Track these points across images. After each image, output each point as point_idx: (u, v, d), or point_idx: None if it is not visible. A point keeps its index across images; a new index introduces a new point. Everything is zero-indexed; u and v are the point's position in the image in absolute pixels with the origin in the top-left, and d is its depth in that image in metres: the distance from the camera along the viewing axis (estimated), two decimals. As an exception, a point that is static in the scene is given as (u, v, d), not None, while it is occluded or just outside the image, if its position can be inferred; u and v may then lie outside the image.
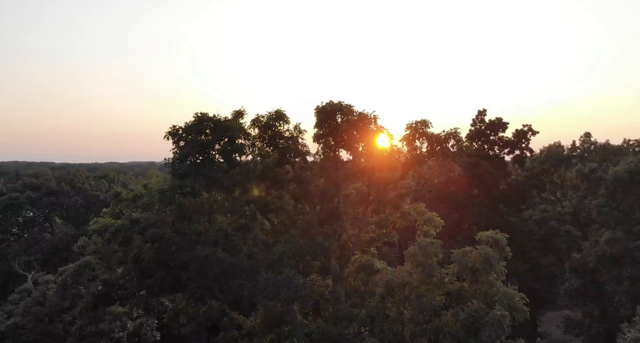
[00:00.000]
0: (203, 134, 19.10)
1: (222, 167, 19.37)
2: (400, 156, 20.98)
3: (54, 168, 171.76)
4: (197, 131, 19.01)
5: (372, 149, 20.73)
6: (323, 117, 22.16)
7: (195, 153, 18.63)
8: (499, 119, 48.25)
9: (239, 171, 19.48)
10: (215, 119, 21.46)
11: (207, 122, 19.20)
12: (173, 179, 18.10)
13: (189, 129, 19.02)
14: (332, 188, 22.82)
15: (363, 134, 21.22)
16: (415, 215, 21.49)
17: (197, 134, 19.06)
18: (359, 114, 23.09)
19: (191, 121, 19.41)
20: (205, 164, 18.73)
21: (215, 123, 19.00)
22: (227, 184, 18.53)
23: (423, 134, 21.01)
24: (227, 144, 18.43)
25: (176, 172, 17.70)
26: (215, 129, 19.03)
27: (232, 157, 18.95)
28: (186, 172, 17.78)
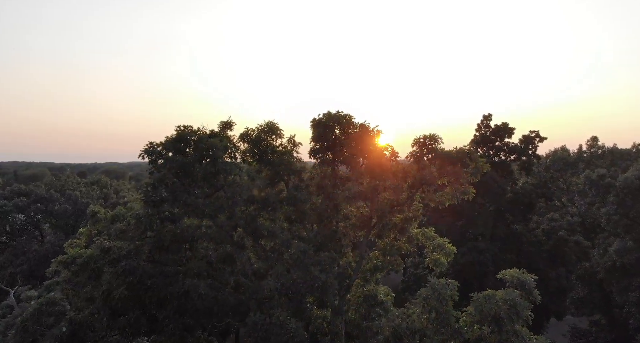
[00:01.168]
0: (183, 152, 16.45)
1: (204, 190, 16.75)
2: (407, 176, 18.37)
3: (53, 168, 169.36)
4: (177, 149, 16.36)
5: (375, 167, 18.10)
6: (320, 131, 19.54)
7: (172, 175, 16.00)
8: (505, 124, 45.62)
9: (224, 194, 16.85)
10: (197, 135, 18.86)
11: (189, 138, 16.56)
12: (145, 207, 15.46)
13: (166, 147, 16.38)
14: (331, 208, 20.23)
15: (365, 150, 18.61)
16: (423, 240, 18.88)
17: (177, 153, 16.41)
18: (360, 127, 20.48)
19: (170, 137, 16.79)
20: (186, 188, 16.11)
21: (197, 141, 16.36)
22: (209, 211, 15.91)
23: (432, 151, 18.42)
24: (210, 165, 15.78)
25: (149, 200, 15.05)
26: (197, 148, 16.38)
27: (216, 179, 16.30)
28: (161, 199, 15.16)
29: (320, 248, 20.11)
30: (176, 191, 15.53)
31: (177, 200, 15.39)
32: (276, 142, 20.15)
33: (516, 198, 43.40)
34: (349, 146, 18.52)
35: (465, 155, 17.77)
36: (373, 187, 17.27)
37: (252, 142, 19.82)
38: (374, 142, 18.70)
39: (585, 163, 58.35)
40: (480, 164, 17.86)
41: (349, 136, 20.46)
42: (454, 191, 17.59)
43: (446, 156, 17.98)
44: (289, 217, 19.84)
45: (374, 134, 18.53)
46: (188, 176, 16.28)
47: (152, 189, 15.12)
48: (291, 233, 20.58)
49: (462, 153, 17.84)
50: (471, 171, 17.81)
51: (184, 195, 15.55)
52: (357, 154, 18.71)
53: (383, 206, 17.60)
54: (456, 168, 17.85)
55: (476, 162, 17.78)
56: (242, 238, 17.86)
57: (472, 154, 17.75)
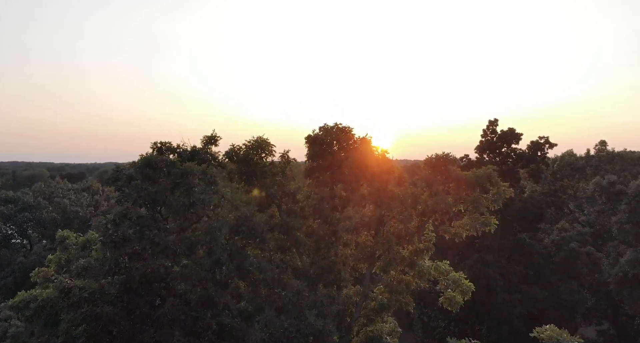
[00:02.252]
0: (153, 179, 13.63)
1: (179, 223, 13.94)
2: (417, 202, 15.62)
3: (52, 169, 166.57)
4: (145, 175, 13.55)
5: (381, 193, 15.32)
6: (316, 149, 16.78)
7: (140, 207, 13.21)
8: (512, 129, 42.80)
9: (203, 225, 14.05)
10: (175, 152, 16.07)
11: (159, 162, 13.75)
12: (103, 249, 12.64)
13: (134, 173, 13.57)
14: (329, 235, 17.49)
15: (368, 172, 15.85)
16: (436, 274, 16.11)
17: (146, 180, 13.61)
18: (362, 142, 17.73)
19: (139, 160, 13.99)
20: (156, 222, 13.31)
21: (170, 165, 13.55)
22: (182, 250, 13.13)
23: (445, 173, 15.65)
24: (184, 196, 12.98)
25: (108, 240, 12.23)
26: (169, 174, 13.57)
27: (192, 211, 13.48)
28: (124, 238, 12.37)
29: (316, 281, 17.37)
30: (143, 227, 12.75)
31: (143, 238, 12.61)
32: (267, 159, 17.41)
33: (524, 208, 40.57)
34: (350, 167, 15.75)
35: (485, 179, 15.00)
36: (378, 217, 14.53)
37: (239, 161, 17.06)
38: (378, 161, 15.92)
39: (593, 168, 55.59)
40: (502, 189, 15.09)
41: (349, 154, 17.72)
42: (472, 221, 14.82)
43: (463, 179, 15.21)
44: (282, 246, 17.09)
45: (378, 154, 15.73)
46: (159, 208, 13.49)
47: (113, 226, 12.35)
48: (284, 263, 17.84)
49: (481, 176, 15.06)
50: (492, 198, 15.06)
51: (152, 231, 12.76)
52: (359, 175, 15.95)
53: (389, 239, 14.84)
54: (474, 193, 15.11)
55: (498, 187, 15.02)
56: (226, 275, 15.10)
57: (493, 178, 14.98)
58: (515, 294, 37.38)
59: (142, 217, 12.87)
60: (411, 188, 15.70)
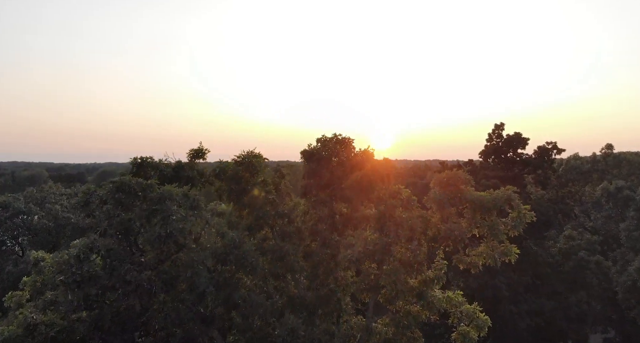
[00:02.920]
0: (126, 206, 11.77)
1: (156, 256, 12.07)
2: (427, 226, 13.78)
3: (52, 169, 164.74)
4: (118, 201, 11.69)
5: (387, 218, 13.46)
6: (313, 165, 14.94)
7: (110, 238, 11.36)
8: (518, 134, 40.97)
9: (184, 257, 12.20)
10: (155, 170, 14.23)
11: (133, 186, 11.89)
12: (64, 291, 10.77)
13: (105, 198, 11.71)
14: (328, 260, 15.65)
15: (372, 192, 14.00)
16: (448, 306, 14.27)
17: (118, 206, 11.75)
18: (364, 155, 15.91)
19: (112, 183, 12.12)
20: (128, 256, 11.47)
21: (145, 188, 11.68)
22: (158, 288, 11.28)
23: (458, 193, 13.79)
24: (160, 226, 11.12)
25: (70, 281, 10.37)
26: (145, 198, 11.71)
27: (170, 242, 11.63)
28: (91, 276, 10.53)
29: (314, 311, 15.55)
30: (114, 261, 10.92)
31: (113, 275, 10.79)
32: (257, 178, 15.55)
33: (531, 215, 38.84)
34: (351, 188, 13.90)
35: (504, 200, 13.15)
36: (383, 246, 12.69)
37: (227, 179, 15.22)
38: (382, 179, 14.07)
39: (599, 172, 53.75)
40: (523, 212, 13.24)
41: (349, 171, 15.90)
42: (490, 250, 12.98)
43: (478, 201, 13.36)
44: (275, 273, 15.25)
45: (383, 173, 13.87)
46: (131, 241, 11.66)
47: (77, 262, 10.52)
48: (278, 290, 16.00)
49: (499, 198, 13.20)
50: (512, 223, 13.21)
51: (124, 266, 10.92)
52: (361, 196, 14.11)
53: (396, 268, 12.99)
54: (492, 217, 13.27)
55: (519, 210, 13.17)
56: (212, 309, 13.28)
57: (513, 200, 13.12)
58: (521, 305, 35.62)
59: (112, 250, 11.05)
60: (420, 210, 13.87)
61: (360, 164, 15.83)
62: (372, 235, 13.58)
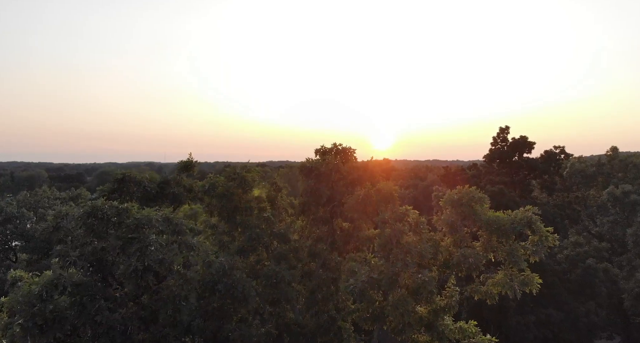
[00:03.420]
0: (99, 234, 10.30)
1: (133, 291, 10.58)
2: (437, 251, 12.31)
3: (51, 169, 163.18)
4: (90, 227, 10.21)
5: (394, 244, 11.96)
6: (312, 183, 13.48)
7: (81, 271, 9.90)
8: (524, 138, 39.53)
9: (165, 290, 10.73)
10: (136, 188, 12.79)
11: (112, 203, 10.43)
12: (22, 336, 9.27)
13: (76, 224, 10.25)
14: (328, 284, 14.21)
15: (376, 214, 12.53)
16: (460, 337, 12.81)
17: (90, 234, 10.28)
18: (366, 169, 14.44)
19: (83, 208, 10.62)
20: (101, 291, 10.00)
21: (121, 214, 10.21)
22: (135, 328, 9.81)
23: (472, 214, 12.32)
24: (137, 258, 9.65)
25: (30, 324, 8.88)
26: (120, 225, 10.24)
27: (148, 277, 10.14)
28: (55, 318, 9.07)
29: (312, 341, 14.11)
30: (84, 298, 9.46)
31: (83, 314, 9.33)
32: (249, 195, 14.11)
33: (538, 222, 37.42)
34: (354, 209, 12.44)
35: (523, 223, 11.69)
36: (390, 276, 11.23)
37: (218, 196, 13.77)
38: (387, 198, 12.60)
39: (604, 176, 52.21)
40: (545, 235, 11.79)
41: (351, 184, 14.44)
42: (509, 278, 11.52)
43: (495, 223, 11.89)
44: (271, 298, 13.81)
45: (388, 191, 12.39)
46: (106, 273, 10.20)
47: (40, 302, 9.05)
48: (273, 316, 14.55)
49: (518, 220, 11.75)
50: (533, 248, 11.75)
51: (96, 304, 9.47)
52: (364, 216, 12.65)
53: (404, 298, 11.53)
54: (510, 241, 11.82)
55: (540, 233, 11.71)
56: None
57: (534, 223, 11.67)
58: (529, 316, 34.17)
59: (81, 285, 9.60)
60: (430, 234, 12.42)
61: (362, 179, 14.38)
62: (377, 261, 12.14)
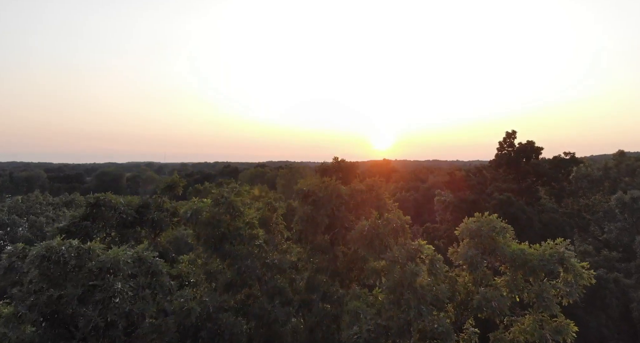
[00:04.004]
0: (55, 280, 8.56)
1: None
2: (454, 291, 10.61)
3: (50, 169, 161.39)
4: (44, 272, 8.46)
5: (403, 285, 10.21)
6: (309, 210, 11.75)
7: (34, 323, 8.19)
8: (531, 143, 37.77)
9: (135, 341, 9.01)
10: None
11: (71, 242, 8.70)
12: None
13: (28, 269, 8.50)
14: (328, 321, 12.47)
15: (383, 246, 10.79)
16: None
17: (44, 279, 8.54)
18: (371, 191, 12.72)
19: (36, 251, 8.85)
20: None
21: (81, 256, 8.47)
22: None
23: (494, 246, 10.60)
24: (100, 310, 7.93)
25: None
26: (80, 268, 8.51)
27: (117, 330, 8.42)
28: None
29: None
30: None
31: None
32: (239, 221, 12.36)
33: (546, 230, 35.65)
34: (358, 242, 10.70)
35: (554, 260, 9.96)
36: (402, 325, 9.50)
37: (203, 224, 12.02)
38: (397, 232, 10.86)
39: (611, 181, 50.51)
40: (579, 273, 10.07)
41: (354, 208, 12.71)
42: (538, 324, 9.78)
43: (521, 259, 10.16)
44: (264, 342, 12.08)
45: (399, 224, 10.64)
46: (65, 327, 8.47)
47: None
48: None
49: (549, 256, 10.01)
50: (566, 289, 10.02)
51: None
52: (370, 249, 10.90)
53: None
54: (538, 280, 10.09)
55: (574, 271, 9.99)
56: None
57: (567, 260, 9.94)
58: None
59: None
60: (447, 274, 10.71)
61: (366, 202, 12.65)
62: (384, 301, 10.40)
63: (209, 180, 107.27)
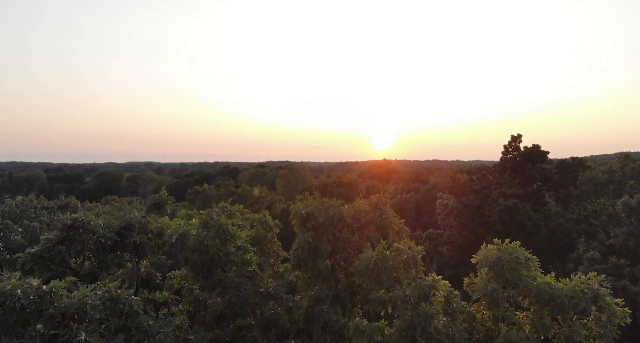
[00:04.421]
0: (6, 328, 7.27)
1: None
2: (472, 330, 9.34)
3: (50, 170, 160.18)
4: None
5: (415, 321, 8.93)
6: (308, 237, 10.47)
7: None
8: (537, 147, 36.47)
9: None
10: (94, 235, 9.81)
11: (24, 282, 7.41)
12: None
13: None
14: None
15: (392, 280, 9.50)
16: None
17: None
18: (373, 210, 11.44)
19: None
20: None
21: (41, 298, 7.17)
22: None
23: (518, 280, 9.32)
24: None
25: None
26: (39, 314, 7.21)
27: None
28: None
29: None
30: None
31: None
32: (230, 246, 11.05)
33: (553, 236, 34.43)
34: (364, 276, 9.41)
35: (587, 299, 8.67)
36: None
37: (189, 250, 10.73)
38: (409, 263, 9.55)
39: (616, 184, 49.24)
40: (614, 311, 8.80)
41: (358, 230, 11.43)
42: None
43: (548, 295, 8.88)
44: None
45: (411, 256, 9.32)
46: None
47: None
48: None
49: (580, 292, 8.72)
50: (599, 330, 8.74)
51: None
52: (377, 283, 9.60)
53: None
54: (568, 321, 8.81)
55: (610, 311, 8.71)
56: None
57: (600, 298, 8.66)
58: (544, 340, 31.43)
59: None
60: (466, 312, 9.44)
61: (371, 224, 11.36)
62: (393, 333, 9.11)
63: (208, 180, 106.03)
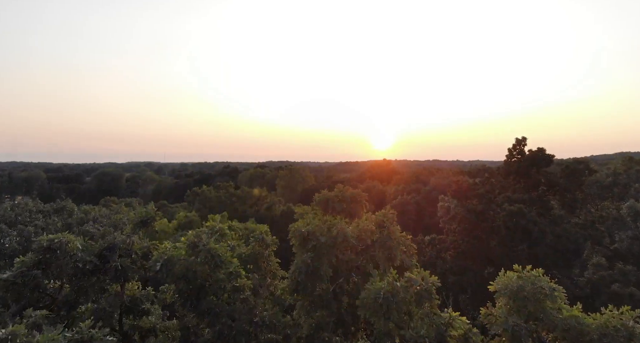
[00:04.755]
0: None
1: None
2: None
3: (50, 170, 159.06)
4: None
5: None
6: (309, 258, 9.44)
7: None
8: (542, 150, 35.38)
9: None
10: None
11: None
12: None
13: None
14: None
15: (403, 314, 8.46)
16: None
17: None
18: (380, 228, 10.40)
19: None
20: None
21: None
22: None
23: (541, 313, 8.29)
24: None
25: None
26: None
27: None
28: None
29: None
30: None
31: None
32: (225, 271, 10.01)
33: (559, 242, 33.36)
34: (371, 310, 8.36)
35: (620, 337, 7.64)
36: None
37: (175, 278, 9.67)
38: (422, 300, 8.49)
39: (620, 187, 48.19)
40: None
41: (363, 252, 10.39)
42: None
43: (576, 332, 7.84)
44: None
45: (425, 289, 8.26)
46: None
47: None
48: None
49: (613, 333, 7.69)
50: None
51: None
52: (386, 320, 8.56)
53: None
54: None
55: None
56: None
57: (637, 336, 7.63)
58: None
59: None
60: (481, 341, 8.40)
61: (377, 244, 10.31)
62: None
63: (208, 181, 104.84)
